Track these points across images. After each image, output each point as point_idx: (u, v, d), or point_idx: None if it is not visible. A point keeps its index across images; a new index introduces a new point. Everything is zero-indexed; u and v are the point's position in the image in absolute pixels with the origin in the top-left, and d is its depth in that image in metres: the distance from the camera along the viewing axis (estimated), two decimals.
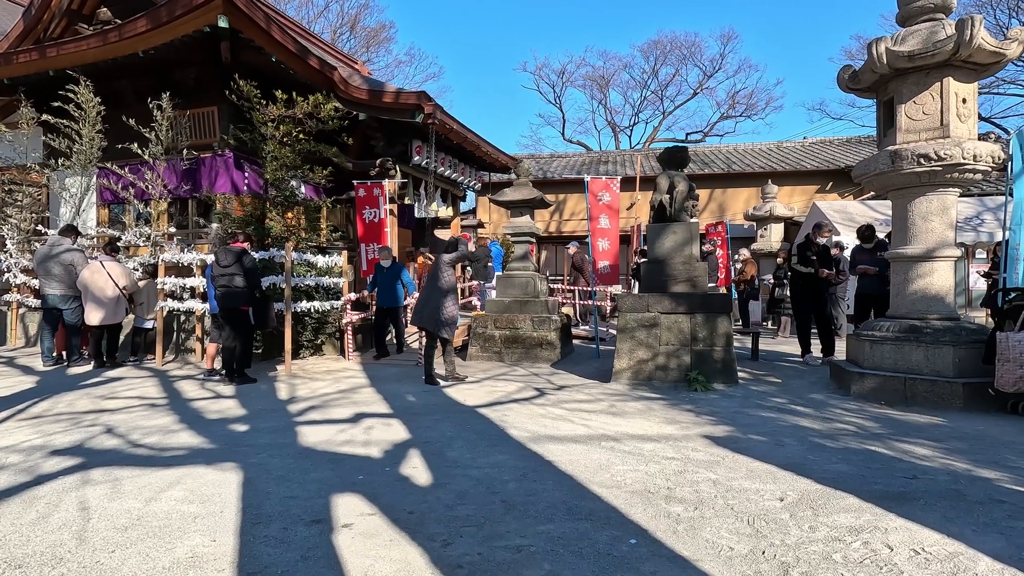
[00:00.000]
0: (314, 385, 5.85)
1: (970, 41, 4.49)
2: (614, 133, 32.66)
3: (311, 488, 2.91)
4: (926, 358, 4.84)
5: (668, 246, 6.20)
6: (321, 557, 2.18)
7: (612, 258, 8.47)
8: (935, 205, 5.00)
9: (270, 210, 7.94)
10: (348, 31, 27.63)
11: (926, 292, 5.06)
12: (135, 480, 3.04)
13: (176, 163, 8.43)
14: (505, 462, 3.31)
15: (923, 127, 4.93)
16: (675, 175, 6.31)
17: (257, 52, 7.68)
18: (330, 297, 7.60)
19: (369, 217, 8.69)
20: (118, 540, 2.34)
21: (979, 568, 2.05)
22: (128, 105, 8.44)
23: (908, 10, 5.00)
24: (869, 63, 5.04)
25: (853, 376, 5.15)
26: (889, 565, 2.08)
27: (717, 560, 2.13)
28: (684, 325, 5.75)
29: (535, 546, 2.25)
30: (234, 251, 6.01)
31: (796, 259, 7.15)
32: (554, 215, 18.19)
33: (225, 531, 2.41)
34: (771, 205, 13.77)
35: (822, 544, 2.25)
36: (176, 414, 4.60)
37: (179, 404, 5.01)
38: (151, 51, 7.65)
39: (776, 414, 4.51)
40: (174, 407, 4.87)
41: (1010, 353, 4.27)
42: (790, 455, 3.42)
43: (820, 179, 16.50)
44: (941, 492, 2.79)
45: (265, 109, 7.55)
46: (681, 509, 2.61)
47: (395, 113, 8.22)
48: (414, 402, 5.07)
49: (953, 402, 4.63)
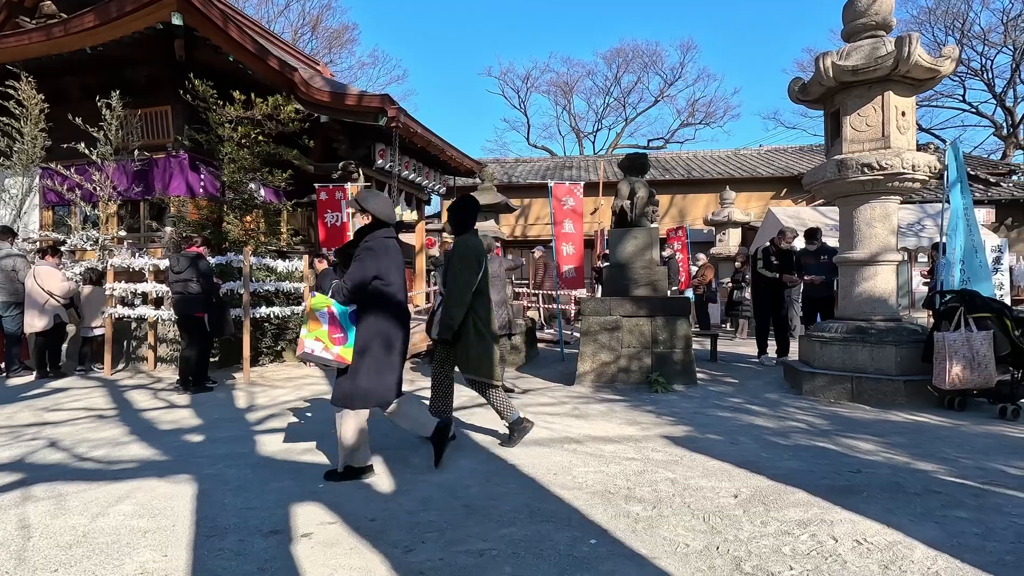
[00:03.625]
0: (274, 393, 5.71)
1: (908, 57, 4.76)
2: (578, 139, 33.13)
3: (270, 498, 2.84)
4: (871, 357, 5.09)
5: (629, 251, 6.32)
6: (279, 568, 2.14)
7: (576, 262, 8.58)
8: (878, 212, 5.27)
9: (227, 213, 7.73)
10: (310, 32, 27.16)
11: (871, 294, 5.32)
12: (81, 495, 2.91)
13: (127, 164, 8.11)
14: (468, 467, 3.32)
15: (866, 138, 5.20)
16: (636, 181, 6.44)
17: (214, 51, 7.47)
18: (291, 302, 7.44)
19: (331, 221, 8.55)
20: (61, 559, 2.24)
21: (915, 555, 2.17)
22: (75, 103, 8.07)
23: (852, 27, 5.27)
24: (817, 76, 5.27)
25: (805, 376, 5.36)
26: (834, 556, 2.18)
27: (674, 557, 2.19)
28: (645, 328, 5.88)
29: (497, 550, 2.26)
30: (189, 256, 5.83)
31: (761, 263, 7.39)
32: (519, 220, 18.29)
33: (178, 545, 2.33)
34: (729, 211, 14.21)
35: (772, 538, 2.34)
36: (126, 425, 4.42)
37: (130, 415, 4.81)
38: (99, 47, 7.35)
39: (732, 413, 4.65)
40: (124, 418, 4.68)
41: (946, 352, 4.53)
42: (745, 453, 3.53)
43: (775, 185, 17.13)
44: (883, 485, 2.94)
45: (222, 110, 7.35)
46: (640, 508, 2.67)
47: (358, 116, 8.12)
48: (376, 409, 5.00)
49: (896, 399, 4.87)
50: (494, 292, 5.76)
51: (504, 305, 5.75)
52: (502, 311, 5.74)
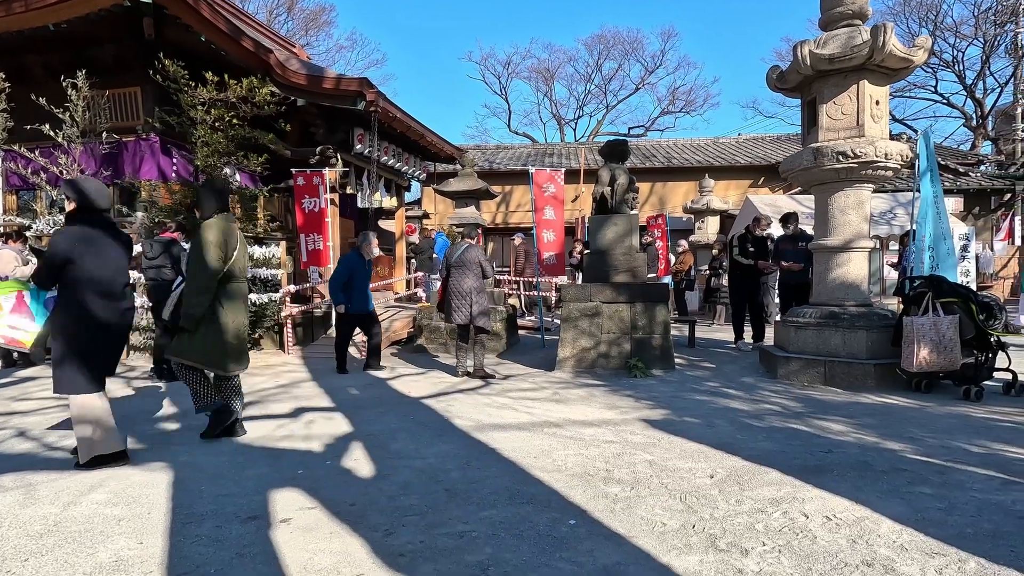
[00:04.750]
0: (252, 380, 5.64)
1: (883, 47, 4.83)
2: (559, 126, 33.02)
3: (248, 485, 2.82)
4: (843, 342, 5.22)
5: (610, 237, 6.36)
6: (257, 554, 2.13)
7: (557, 249, 8.59)
8: (852, 199, 5.37)
9: None
10: (285, 13, 26.46)
11: (844, 280, 5.44)
12: (51, 484, 2.85)
13: (94, 147, 7.85)
14: (449, 451, 3.33)
15: (842, 126, 5.28)
16: (616, 168, 6.46)
17: (185, 30, 7.25)
18: (268, 289, 7.33)
19: (309, 207, 8.42)
20: (32, 548, 2.19)
21: (882, 530, 2.25)
22: (39, 82, 7.78)
23: (829, 15, 5.32)
24: (794, 64, 5.33)
25: (779, 360, 5.48)
26: (805, 531, 2.25)
27: (651, 536, 2.23)
28: (625, 314, 5.93)
29: (477, 531, 2.28)
30: (162, 241, 5.70)
31: (736, 250, 7.49)
32: (500, 206, 18.22)
33: (153, 533, 2.30)
34: (708, 198, 14.35)
35: (747, 516, 2.40)
36: None
37: None
38: (63, 24, 7.07)
39: (709, 397, 4.74)
40: None
41: (914, 336, 4.67)
42: (721, 435, 3.61)
43: (753, 174, 17.33)
44: (852, 464, 3.04)
45: (194, 91, 7.15)
46: (619, 489, 2.71)
47: (336, 100, 7.97)
48: (358, 395, 4.99)
49: (867, 382, 5.01)
50: (461, 280, 5.69)
51: (467, 295, 5.62)
52: (463, 301, 5.63)
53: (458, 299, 5.65)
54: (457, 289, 5.66)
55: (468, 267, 5.69)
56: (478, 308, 5.64)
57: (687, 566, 1.99)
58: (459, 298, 5.65)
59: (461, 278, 5.67)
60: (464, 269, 5.69)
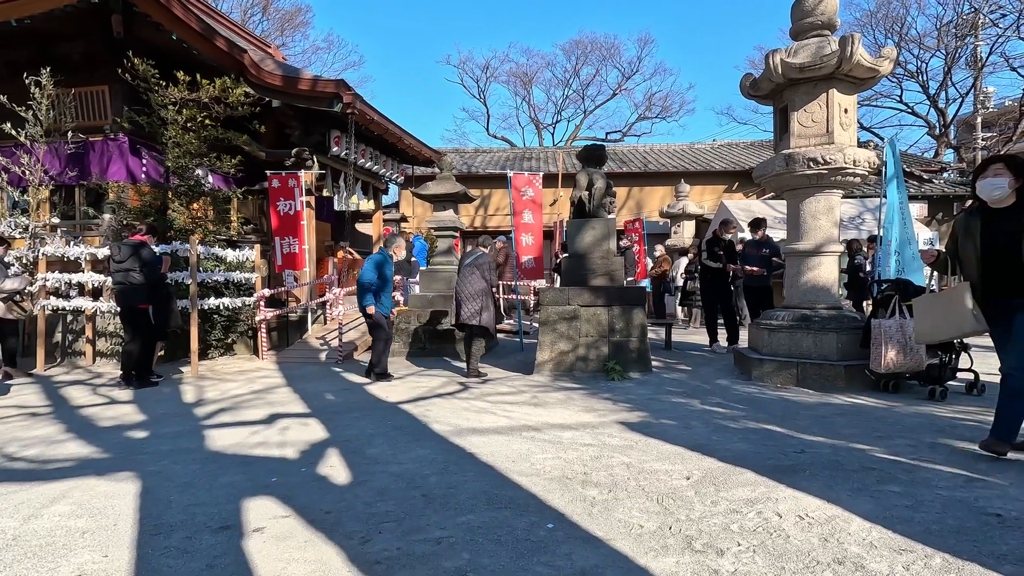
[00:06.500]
0: (225, 386, 5.52)
1: (851, 56, 4.96)
2: (537, 130, 33.11)
3: (219, 493, 2.75)
4: (815, 344, 5.33)
5: (587, 241, 6.40)
6: (229, 564, 2.08)
7: (536, 252, 8.61)
8: (822, 205, 5.50)
9: (172, 200, 7.38)
10: (260, 13, 26.03)
11: (815, 283, 5.57)
12: (11, 497, 2.74)
13: (59, 146, 7.62)
14: (427, 456, 3.30)
15: (812, 133, 5.41)
16: (594, 172, 6.51)
17: (156, 28, 7.09)
18: (242, 293, 7.19)
19: (284, 209, 8.29)
20: None
21: (852, 528, 2.30)
22: (0, 79, 7.51)
23: (799, 25, 5.45)
24: (767, 73, 5.44)
25: (753, 362, 5.57)
26: (778, 531, 2.28)
27: (628, 538, 2.24)
28: (603, 317, 5.97)
29: (455, 537, 2.26)
30: (131, 244, 5.55)
31: (706, 254, 7.62)
32: (479, 210, 18.20)
33: (119, 545, 2.23)
34: (684, 203, 14.54)
35: (722, 516, 2.43)
36: (62, 423, 4.18)
37: (66, 412, 4.56)
38: (27, 20, 6.85)
39: (686, 399, 4.79)
40: (60, 415, 4.43)
41: (882, 337, 4.79)
42: (697, 437, 3.65)
43: (727, 179, 17.63)
44: (824, 463, 3.10)
45: (165, 91, 6.99)
46: (596, 492, 2.72)
47: (312, 101, 7.87)
48: (333, 400, 4.92)
49: (837, 383, 5.13)
50: (469, 283, 5.89)
51: (476, 298, 5.85)
52: (472, 303, 5.89)
53: (468, 301, 5.93)
54: (467, 292, 5.95)
55: (479, 272, 5.98)
56: (486, 312, 5.90)
57: (664, 567, 2.01)
58: (468, 300, 5.93)
59: (470, 281, 5.97)
60: (474, 273, 5.98)
